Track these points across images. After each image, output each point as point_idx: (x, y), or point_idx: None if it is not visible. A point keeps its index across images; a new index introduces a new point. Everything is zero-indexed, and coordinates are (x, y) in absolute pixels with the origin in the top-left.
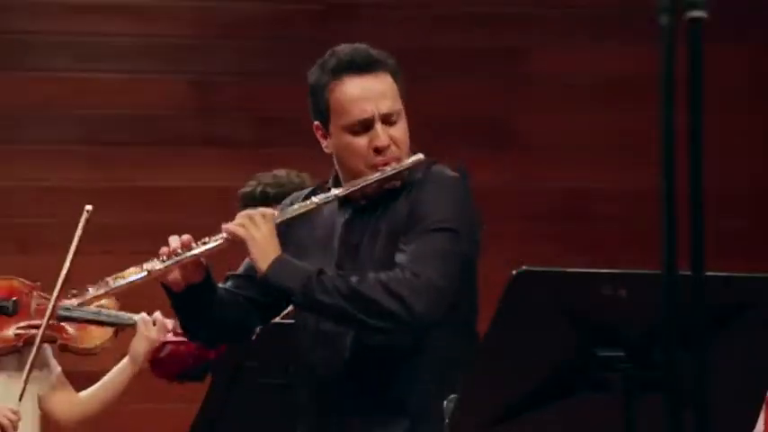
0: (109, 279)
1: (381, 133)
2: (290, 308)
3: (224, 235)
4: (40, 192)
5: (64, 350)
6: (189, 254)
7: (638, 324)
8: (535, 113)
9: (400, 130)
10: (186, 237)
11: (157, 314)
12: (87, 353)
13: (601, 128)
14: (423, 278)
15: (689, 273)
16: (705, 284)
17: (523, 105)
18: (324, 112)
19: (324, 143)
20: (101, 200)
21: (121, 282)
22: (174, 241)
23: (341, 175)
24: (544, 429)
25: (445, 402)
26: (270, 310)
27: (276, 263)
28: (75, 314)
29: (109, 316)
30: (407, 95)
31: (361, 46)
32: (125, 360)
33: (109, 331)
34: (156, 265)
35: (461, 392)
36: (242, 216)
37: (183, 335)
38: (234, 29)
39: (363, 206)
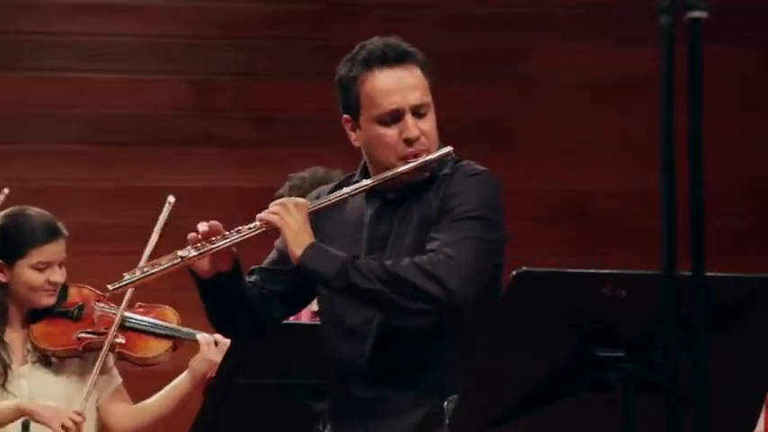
0: (144, 266)
1: (411, 124)
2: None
3: (257, 223)
4: (39, 192)
5: (121, 358)
6: (224, 242)
7: (638, 324)
8: (535, 113)
9: (429, 123)
10: (214, 223)
11: (219, 336)
12: (143, 363)
13: (601, 128)
14: (456, 259)
15: (689, 273)
16: (705, 284)
17: (523, 105)
18: (354, 104)
19: (353, 136)
20: (101, 200)
21: (156, 269)
22: (203, 226)
23: (370, 168)
24: (544, 429)
25: (445, 403)
26: (294, 303)
27: (310, 249)
28: (134, 324)
29: (168, 329)
30: None
31: (392, 39)
32: (183, 376)
33: (167, 344)
34: (190, 252)
35: (461, 392)
36: (276, 204)
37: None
38: (234, 29)
39: (391, 198)
